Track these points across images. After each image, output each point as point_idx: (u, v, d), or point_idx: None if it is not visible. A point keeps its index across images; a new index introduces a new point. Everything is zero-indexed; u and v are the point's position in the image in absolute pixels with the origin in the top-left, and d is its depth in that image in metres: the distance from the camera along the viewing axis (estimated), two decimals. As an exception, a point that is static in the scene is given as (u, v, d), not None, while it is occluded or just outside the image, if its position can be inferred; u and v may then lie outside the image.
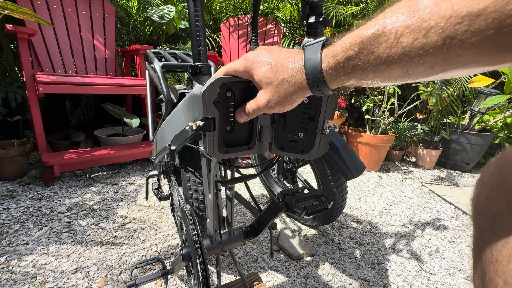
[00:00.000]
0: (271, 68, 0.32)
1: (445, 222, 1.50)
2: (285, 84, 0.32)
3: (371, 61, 0.26)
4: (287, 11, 2.68)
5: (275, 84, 0.32)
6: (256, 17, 0.90)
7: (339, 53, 0.28)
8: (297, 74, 0.31)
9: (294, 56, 0.32)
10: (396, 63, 0.25)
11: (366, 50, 0.26)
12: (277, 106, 0.33)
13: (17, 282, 0.89)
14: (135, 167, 1.97)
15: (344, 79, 0.29)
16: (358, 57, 0.27)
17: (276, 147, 0.42)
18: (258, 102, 0.35)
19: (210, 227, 0.65)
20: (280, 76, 0.32)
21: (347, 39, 0.27)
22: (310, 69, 0.30)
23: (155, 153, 0.86)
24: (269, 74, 0.32)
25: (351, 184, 1.92)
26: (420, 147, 2.41)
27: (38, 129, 1.57)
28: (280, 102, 0.33)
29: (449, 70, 0.24)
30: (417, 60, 0.24)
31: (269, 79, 0.32)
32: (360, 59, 0.27)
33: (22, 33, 1.44)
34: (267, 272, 1.02)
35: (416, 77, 0.26)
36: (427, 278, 1.06)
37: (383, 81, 0.28)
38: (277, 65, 0.32)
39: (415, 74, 0.25)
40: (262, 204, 1.55)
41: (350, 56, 0.27)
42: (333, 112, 0.39)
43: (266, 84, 0.33)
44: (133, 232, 1.20)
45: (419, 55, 0.23)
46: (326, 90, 0.31)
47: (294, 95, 0.32)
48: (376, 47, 0.25)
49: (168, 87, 0.79)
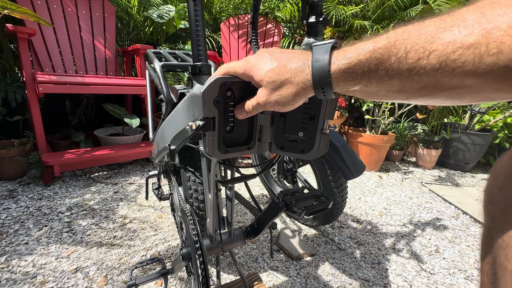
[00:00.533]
0: (273, 69, 0.33)
1: (445, 222, 1.50)
2: (287, 84, 0.32)
3: (378, 71, 0.28)
4: (287, 11, 2.67)
5: (277, 83, 0.32)
6: (256, 17, 0.90)
7: (351, 57, 0.29)
8: (301, 74, 0.31)
9: (297, 56, 0.32)
10: (397, 77, 0.27)
11: (376, 60, 0.27)
12: (277, 105, 0.34)
13: (17, 282, 0.89)
14: (135, 167, 1.97)
15: (350, 84, 0.30)
16: (368, 65, 0.28)
17: (276, 147, 0.42)
18: (258, 98, 0.35)
19: (210, 227, 0.65)
20: (283, 76, 0.32)
21: (360, 46, 0.29)
22: (317, 70, 0.30)
23: (155, 153, 0.86)
24: (271, 74, 0.33)
25: (351, 184, 1.92)
26: (420, 147, 2.41)
27: (38, 129, 1.57)
28: (280, 101, 0.33)
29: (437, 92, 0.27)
30: (416, 78, 0.26)
31: (271, 79, 0.33)
32: (369, 68, 0.28)
33: (22, 33, 1.44)
34: (267, 272, 1.02)
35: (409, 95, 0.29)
36: (427, 278, 1.06)
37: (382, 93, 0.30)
38: (279, 66, 0.32)
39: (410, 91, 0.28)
40: (262, 204, 1.55)
41: (361, 62, 0.28)
42: (333, 112, 0.39)
43: (268, 83, 0.33)
44: (133, 232, 1.20)
45: (419, 73, 0.26)
46: (330, 92, 0.31)
47: (296, 96, 0.32)
48: (386, 58, 0.27)
49: (168, 87, 0.79)
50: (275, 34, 2.49)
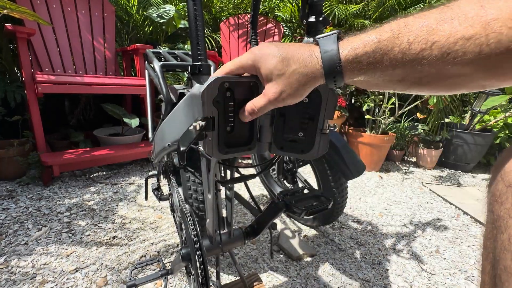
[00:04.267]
0: (281, 60, 0.32)
1: (445, 222, 1.49)
2: (297, 75, 0.32)
3: (383, 61, 0.29)
4: (287, 10, 2.67)
5: (286, 75, 0.32)
6: (256, 16, 0.89)
7: (358, 48, 0.30)
8: (309, 64, 0.31)
9: (304, 48, 0.33)
10: (401, 67, 0.29)
11: (381, 51, 0.29)
12: (289, 97, 0.33)
13: (17, 282, 0.89)
14: (135, 167, 1.96)
15: (356, 74, 0.31)
16: (373, 56, 0.29)
17: (276, 147, 0.41)
18: (268, 95, 0.33)
19: (209, 227, 0.65)
20: (292, 67, 0.32)
21: (365, 37, 0.30)
22: (327, 59, 0.31)
23: (155, 153, 0.86)
24: (280, 66, 0.32)
25: (352, 184, 1.92)
26: (421, 147, 2.41)
27: (38, 129, 1.57)
28: (292, 93, 0.32)
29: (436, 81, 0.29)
30: (418, 67, 0.28)
31: (280, 71, 0.32)
32: (375, 58, 0.29)
33: (22, 33, 1.44)
34: (267, 272, 1.01)
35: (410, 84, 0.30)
36: (428, 278, 1.05)
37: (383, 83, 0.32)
38: (287, 57, 0.32)
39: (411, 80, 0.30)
40: (262, 204, 1.55)
41: (367, 52, 0.29)
42: (332, 111, 0.38)
43: (277, 76, 0.32)
44: (133, 232, 1.19)
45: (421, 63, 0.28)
46: (340, 81, 0.32)
47: (307, 85, 0.32)
48: (390, 49, 0.29)
49: (168, 87, 0.78)
50: (275, 33, 2.49)
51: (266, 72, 0.33)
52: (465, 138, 2.31)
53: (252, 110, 0.35)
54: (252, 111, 0.35)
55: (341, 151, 0.96)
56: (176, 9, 2.26)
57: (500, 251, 0.29)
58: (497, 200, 0.31)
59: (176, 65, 0.83)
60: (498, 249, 0.29)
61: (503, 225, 0.29)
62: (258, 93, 0.37)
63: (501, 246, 0.29)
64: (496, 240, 0.30)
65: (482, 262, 0.33)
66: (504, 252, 0.28)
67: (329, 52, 0.31)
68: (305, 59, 0.31)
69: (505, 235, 0.29)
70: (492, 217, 0.32)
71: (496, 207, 0.31)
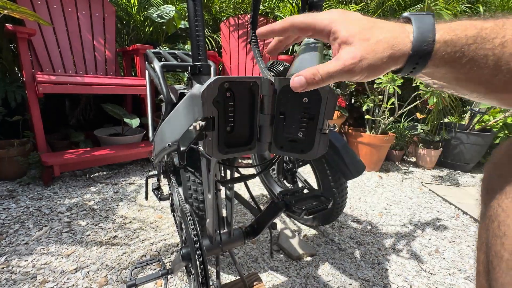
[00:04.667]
0: (369, 27, 0.28)
1: (445, 222, 1.50)
2: (385, 44, 0.28)
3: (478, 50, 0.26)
4: (287, 10, 2.67)
5: (372, 42, 0.28)
6: (256, 17, 0.89)
7: (457, 29, 0.27)
8: (399, 36, 0.28)
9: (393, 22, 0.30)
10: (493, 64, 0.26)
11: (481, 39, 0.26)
12: (366, 70, 0.28)
13: (17, 282, 0.89)
14: (135, 167, 1.97)
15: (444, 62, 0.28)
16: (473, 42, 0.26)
17: (276, 147, 0.42)
18: (343, 60, 0.28)
19: (209, 227, 0.65)
20: (379, 35, 0.28)
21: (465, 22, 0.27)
22: (420, 33, 0.27)
23: (155, 153, 0.86)
24: (366, 32, 0.28)
25: (351, 184, 1.92)
26: (420, 147, 2.41)
27: (38, 129, 1.57)
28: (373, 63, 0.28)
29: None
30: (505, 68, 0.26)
31: (366, 36, 0.28)
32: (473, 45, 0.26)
33: (22, 33, 1.44)
34: (267, 272, 1.01)
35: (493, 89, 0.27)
36: (427, 278, 1.06)
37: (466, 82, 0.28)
38: (374, 26, 0.28)
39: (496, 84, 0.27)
40: (262, 204, 1.55)
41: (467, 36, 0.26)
42: (332, 111, 0.38)
43: (361, 40, 0.28)
44: (133, 232, 1.20)
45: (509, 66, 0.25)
46: (421, 66, 0.28)
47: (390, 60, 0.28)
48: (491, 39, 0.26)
49: (168, 87, 0.79)
50: (275, 34, 2.49)
51: (347, 35, 0.29)
52: (464, 138, 2.32)
53: (313, 76, 0.29)
54: (312, 78, 0.29)
55: (340, 151, 0.96)
56: (176, 9, 2.26)
57: (491, 238, 0.30)
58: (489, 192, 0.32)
59: (176, 65, 0.83)
60: (490, 237, 0.30)
61: (493, 214, 0.30)
62: (259, 93, 0.37)
63: (492, 234, 0.30)
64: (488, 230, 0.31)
65: (477, 253, 0.34)
66: (495, 238, 0.29)
67: (423, 28, 0.27)
68: (396, 30, 0.28)
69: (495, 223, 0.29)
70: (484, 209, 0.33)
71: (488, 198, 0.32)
